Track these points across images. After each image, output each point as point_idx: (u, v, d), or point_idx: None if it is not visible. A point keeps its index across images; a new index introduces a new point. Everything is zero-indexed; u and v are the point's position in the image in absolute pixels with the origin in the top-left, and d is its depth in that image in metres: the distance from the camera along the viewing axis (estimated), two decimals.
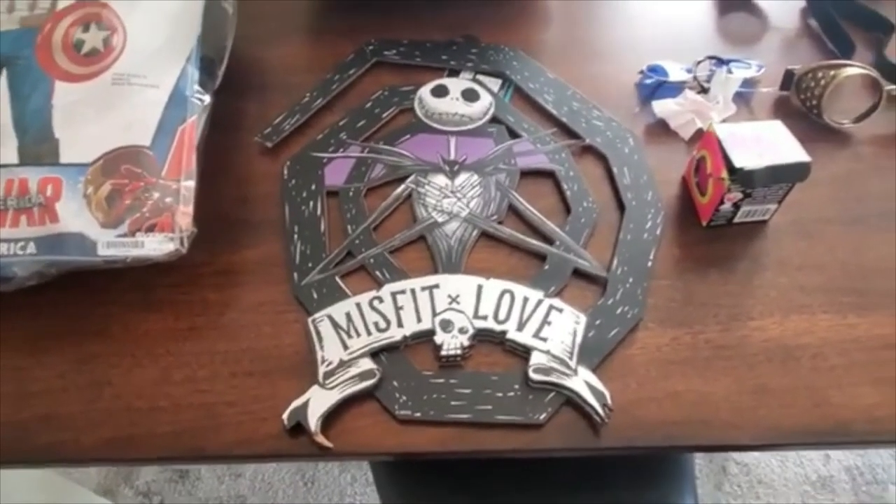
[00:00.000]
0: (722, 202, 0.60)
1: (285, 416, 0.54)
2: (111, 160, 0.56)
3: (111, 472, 1.34)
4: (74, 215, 0.54)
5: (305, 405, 0.54)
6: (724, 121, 0.69)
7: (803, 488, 1.25)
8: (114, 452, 0.54)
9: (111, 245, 0.54)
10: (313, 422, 0.53)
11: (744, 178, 0.58)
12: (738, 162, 0.57)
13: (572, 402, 0.55)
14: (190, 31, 0.61)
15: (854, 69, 0.69)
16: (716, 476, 1.28)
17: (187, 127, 0.58)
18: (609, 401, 0.54)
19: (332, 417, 0.54)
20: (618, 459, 0.81)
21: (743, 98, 0.71)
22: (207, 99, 0.60)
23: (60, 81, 0.58)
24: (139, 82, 0.59)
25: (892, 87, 0.69)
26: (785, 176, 0.58)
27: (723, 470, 1.29)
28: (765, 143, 0.59)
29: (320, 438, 0.53)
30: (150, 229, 0.55)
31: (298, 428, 0.54)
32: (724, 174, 0.58)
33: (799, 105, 0.71)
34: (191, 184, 0.57)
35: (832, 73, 0.68)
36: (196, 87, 0.60)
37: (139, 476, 1.33)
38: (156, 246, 0.54)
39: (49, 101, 0.57)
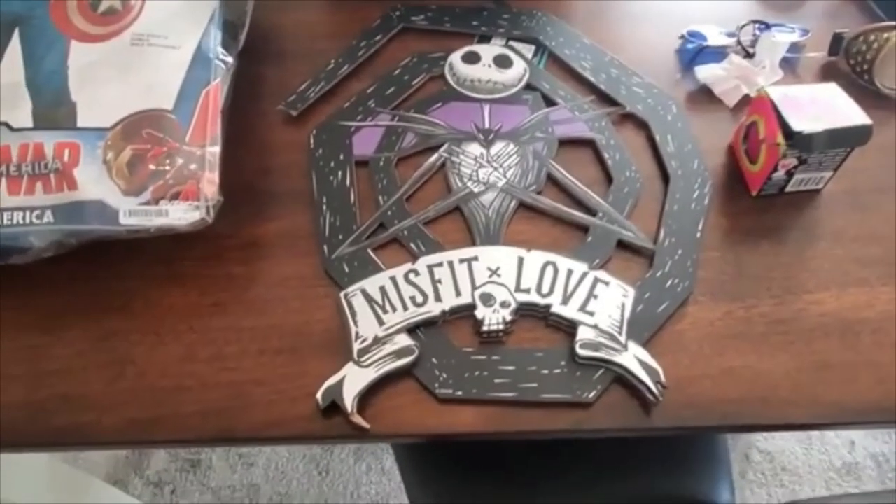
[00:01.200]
0: (775, 170, 0.57)
1: (319, 394, 0.51)
2: (132, 124, 0.52)
3: (121, 462, 1.31)
4: (94, 182, 0.51)
5: (340, 383, 0.51)
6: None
7: (828, 475, 1.23)
8: (137, 434, 0.51)
9: (134, 213, 0.50)
10: (349, 401, 0.50)
11: (802, 143, 0.54)
12: (796, 125, 0.54)
13: (623, 379, 0.52)
14: None
15: None
16: (739, 464, 1.25)
17: (211, 90, 0.55)
18: (663, 377, 0.51)
19: (367, 397, 0.51)
20: (652, 445, 0.78)
21: (789, 63, 0.68)
22: (231, 61, 0.57)
23: (76, 41, 0.55)
24: (160, 43, 0.55)
25: None
26: (845, 140, 0.55)
27: (745, 458, 1.27)
28: (822, 106, 0.56)
29: (357, 419, 0.50)
30: (175, 197, 0.51)
31: (332, 408, 0.51)
32: (780, 139, 0.55)
33: (848, 70, 0.68)
34: (216, 149, 0.54)
35: (885, 35, 0.65)
36: (220, 48, 0.57)
37: (149, 465, 1.30)
38: (181, 215, 0.51)
39: (65, 63, 0.54)
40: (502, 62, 0.68)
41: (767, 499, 1.20)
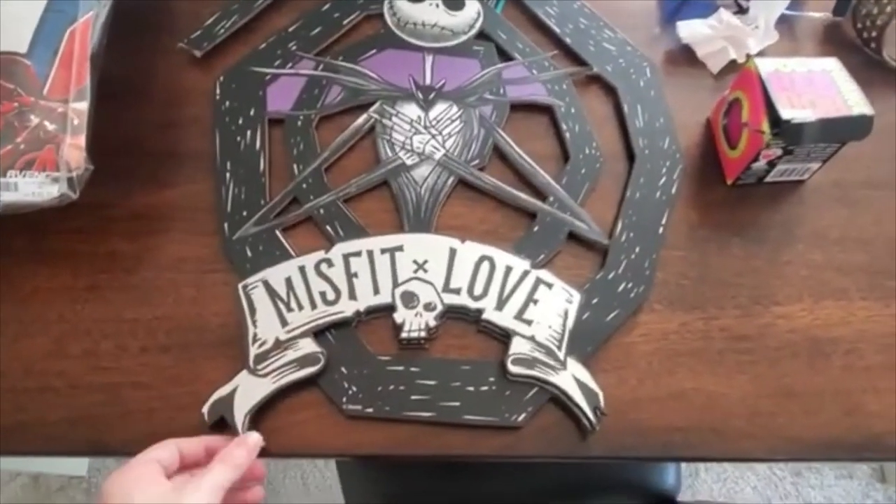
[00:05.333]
0: (756, 159, 0.49)
1: (206, 409, 0.44)
2: None
3: None
4: None
5: (231, 396, 0.44)
6: (763, 52, 0.56)
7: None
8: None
9: None
10: (240, 418, 0.43)
11: (790, 133, 0.46)
12: (785, 112, 0.46)
13: (557, 399, 0.45)
14: None
15: None
16: None
17: (79, 28, 0.44)
18: (602, 403, 0.45)
19: (264, 408, 0.44)
20: None
21: (786, 22, 0.58)
22: None
23: None
24: None
25: None
26: (841, 132, 0.46)
27: None
28: (818, 88, 0.47)
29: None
30: (28, 166, 0.42)
31: (223, 422, 0.44)
32: (765, 126, 0.47)
33: (854, 36, 0.58)
34: (83, 106, 0.44)
35: None
36: None
37: None
38: (35, 189, 0.42)
39: None
40: (452, 2, 0.57)
41: (720, 470, 1.19)
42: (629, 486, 0.74)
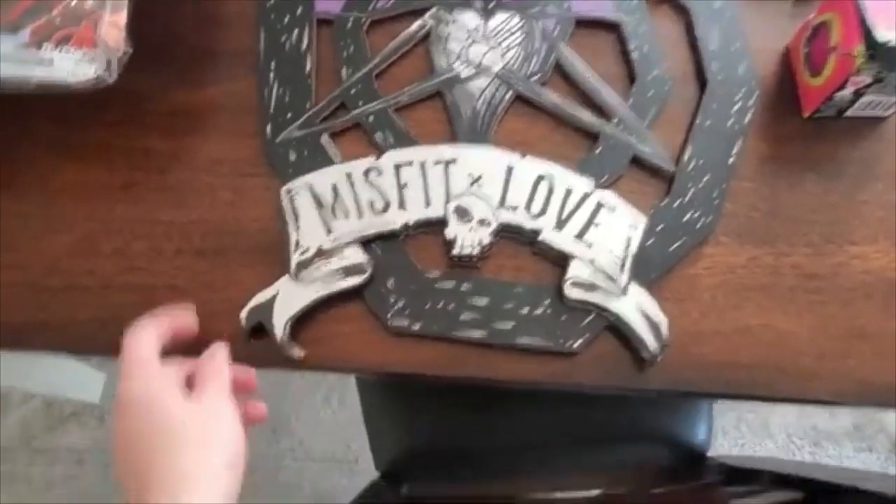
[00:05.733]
0: (843, 86, 0.45)
1: (244, 314, 0.41)
2: None
3: None
4: None
5: (271, 303, 0.41)
6: None
7: (801, 405, 1.19)
8: (15, 342, 0.42)
9: (6, 59, 0.38)
10: (280, 326, 0.41)
11: (886, 56, 0.42)
12: (883, 33, 0.42)
13: (616, 328, 0.43)
14: None
15: None
16: None
17: None
18: (665, 332, 0.42)
19: (304, 318, 0.42)
20: None
21: None
22: None
23: None
24: None
25: None
26: None
27: None
28: None
29: (289, 347, 0.41)
30: (64, 41, 0.39)
31: (261, 329, 0.41)
32: (858, 49, 0.43)
33: None
34: None
35: None
36: None
37: None
38: (70, 67, 0.38)
39: None
40: None
41: (735, 422, 1.17)
42: (659, 438, 0.72)
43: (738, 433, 1.17)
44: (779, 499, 0.56)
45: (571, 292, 0.42)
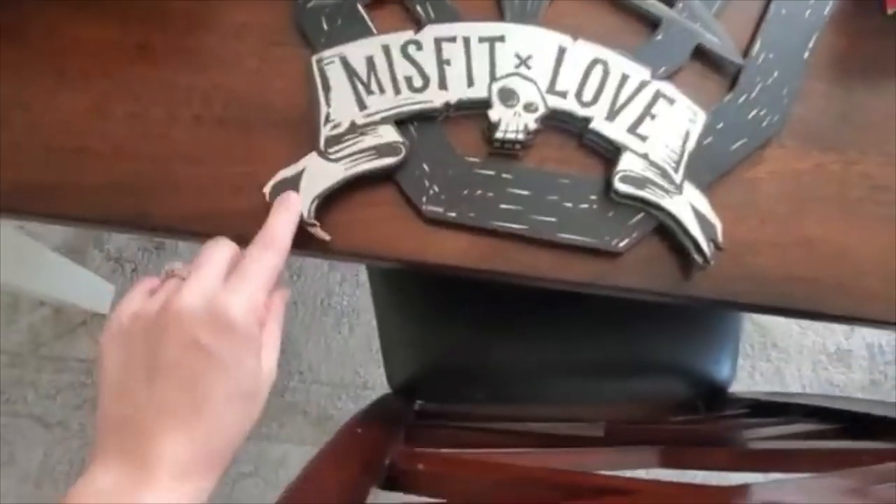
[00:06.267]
0: None
1: (268, 188, 0.38)
2: None
3: (80, 232, 1.22)
4: None
5: (298, 178, 0.38)
6: None
7: (818, 357, 1.17)
8: (23, 203, 0.39)
9: None
10: (307, 202, 0.38)
11: None
12: None
13: (666, 229, 0.39)
14: None
15: None
16: None
17: None
18: (719, 236, 0.39)
19: (331, 200, 0.39)
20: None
21: None
22: None
23: None
24: None
25: None
26: None
27: None
28: None
29: (315, 228, 0.38)
30: None
31: None
32: None
33: None
34: None
35: None
36: None
37: (110, 240, 1.21)
38: None
39: None
40: None
41: (749, 371, 1.15)
42: (681, 370, 0.69)
43: (752, 381, 1.15)
44: (809, 429, 0.54)
45: (621, 187, 0.39)
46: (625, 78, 0.41)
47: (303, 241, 0.38)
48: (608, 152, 0.40)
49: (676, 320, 0.68)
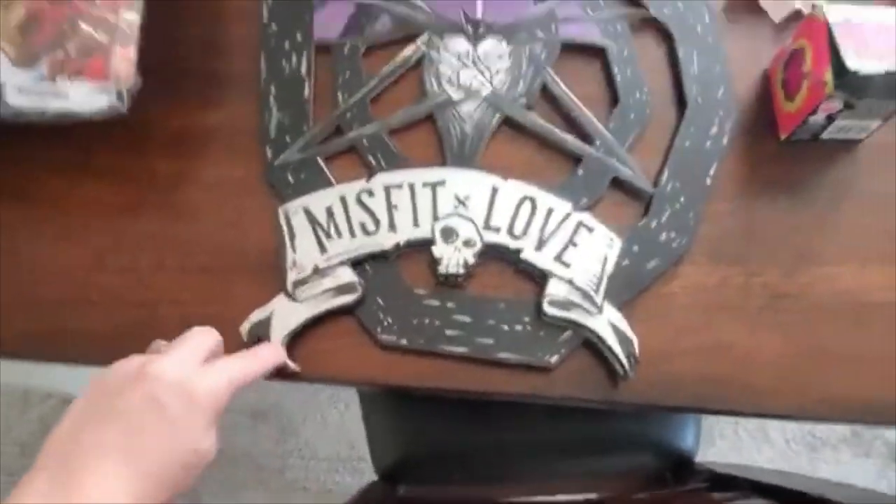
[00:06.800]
0: (814, 112, 0.47)
1: (244, 329, 0.44)
2: None
3: None
4: None
5: (269, 319, 0.44)
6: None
7: None
8: (35, 349, 0.45)
9: (24, 91, 0.41)
10: (277, 341, 0.43)
11: (854, 85, 0.44)
12: (852, 62, 0.44)
13: (591, 343, 0.45)
14: None
15: None
16: None
17: None
18: (636, 350, 0.44)
19: (300, 333, 0.45)
20: None
21: None
22: None
23: None
24: None
25: None
26: None
27: None
28: (889, 40, 0.45)
29: (285, 362, 0.44)
30: (77, 73, 0.42)
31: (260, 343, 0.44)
32: (828, 76, 0.45)
33: None
34: (134, 17, 0.43)
35: None
36: None
37: None
38: (84, 98, 0.42)
39: None
40: None
41: (734, 426, 1.19)
42: (648, 444, 0.74)
43: (737, 437, 1.19)
44: None
45: (550, 310, 0.45)
46: (550, 211, 0.47)
47: (277, 370, 0.44)
48: (538, 277, 0.46)
49: None
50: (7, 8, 0.41)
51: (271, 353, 0.41)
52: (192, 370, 0.36)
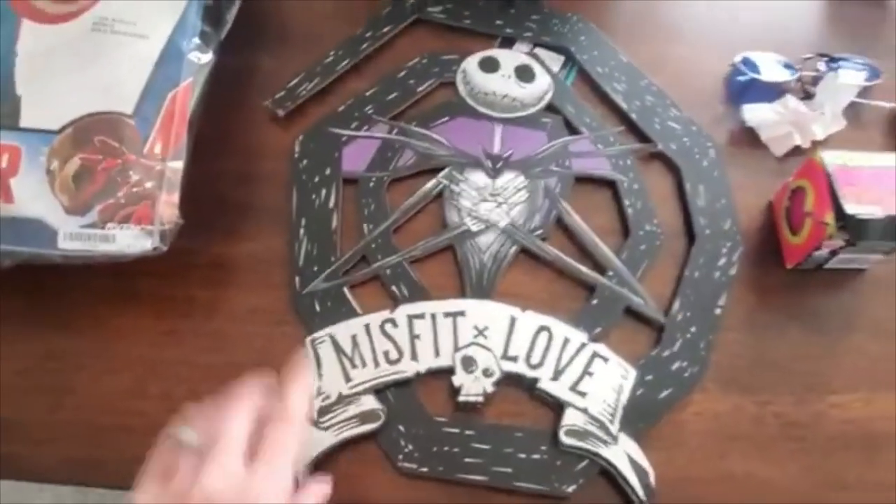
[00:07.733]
0: (818, 248, 0.49)
1: None
2: (83, 128, 0.46)
3: None
4: (33, 196, 0.45)
5: None
6: (828, 138, 0.57)
7: None
8: (74, 475, 0.47)
9: (75, 237, 0.44)
10: (302, 469, 0.45)
11: (855, 228, 0.47)
12: (851, 207, 0.46)
13: (608, 473, 0.46)
14: None
15: None
16: None
17: (180, 92, 0.48)
18: (652, 480, 0.45)
19: (324, 459, 0.46)
20: None
21: (853, 109, 0.59)
22: (208, 57, 0.50)
23: (29, 21, 0.47)
24: (126, 30, 0.48)
25: None
26: None
27: None
28: (887, 184, 0.47)
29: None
30: (125, 220, 0.45)
31: None
32: (829, 218, 0.47)
33: None
34: (178, 165, 0.47)
35: None
36: (196, 40, 0.49)
37: None
38: (130, 241, 0.45)
39: (13, 46, 0.47)
40: (524, 74, 0.59)
41: None
42: None
43: None
44: None
45: (566, 440, 0.46)
46: (566, 342, 0.49)
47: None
48: (555, 406, 0.48)
49: None
50: (65, 160, 0.45)
51: (299, 395, 0.39)
52: (247, 481, 0.34)
